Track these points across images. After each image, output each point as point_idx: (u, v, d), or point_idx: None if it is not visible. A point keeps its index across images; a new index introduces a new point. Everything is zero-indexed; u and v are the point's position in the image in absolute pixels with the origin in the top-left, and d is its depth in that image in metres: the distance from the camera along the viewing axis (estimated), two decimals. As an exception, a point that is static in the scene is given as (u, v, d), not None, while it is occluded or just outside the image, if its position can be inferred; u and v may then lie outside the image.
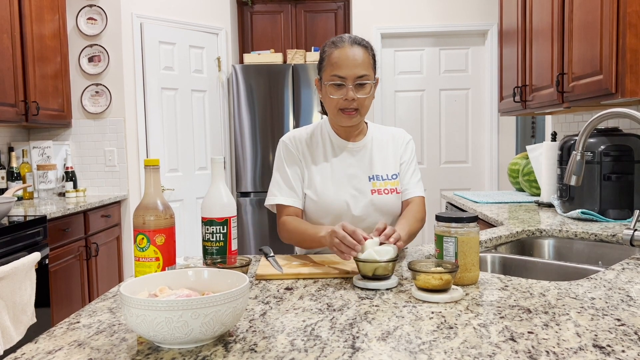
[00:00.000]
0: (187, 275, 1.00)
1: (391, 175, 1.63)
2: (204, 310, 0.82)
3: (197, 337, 0.83)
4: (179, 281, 0.99)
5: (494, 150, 4.51)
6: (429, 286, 1.10)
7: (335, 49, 1.53)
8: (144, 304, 0.81)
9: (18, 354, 0.85)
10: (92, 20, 3.85)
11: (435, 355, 0.81)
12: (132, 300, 0.82)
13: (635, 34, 1.94)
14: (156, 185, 1.16)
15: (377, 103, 4.46)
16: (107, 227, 3.64)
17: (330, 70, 1.53)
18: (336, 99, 1.53)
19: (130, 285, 0.92)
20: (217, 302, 0.83)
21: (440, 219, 1.24)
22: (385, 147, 1.66)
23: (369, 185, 1.60)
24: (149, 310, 0.81)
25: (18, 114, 3.19)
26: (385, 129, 1.72)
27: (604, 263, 1.78)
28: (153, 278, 0.97)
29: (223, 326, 0.85)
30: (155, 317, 0.81)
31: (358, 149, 1.63)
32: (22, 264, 2.41)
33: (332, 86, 1.53)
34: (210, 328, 0.83)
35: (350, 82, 1.51)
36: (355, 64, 1.51)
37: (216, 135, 4.46)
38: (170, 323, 0.81)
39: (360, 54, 1.52)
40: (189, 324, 0.81)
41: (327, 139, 1.64)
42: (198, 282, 0.99)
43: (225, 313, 0.84)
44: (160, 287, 0.95)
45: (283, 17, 4.74)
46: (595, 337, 0.87)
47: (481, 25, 4.42)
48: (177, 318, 0.81)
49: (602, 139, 2.10)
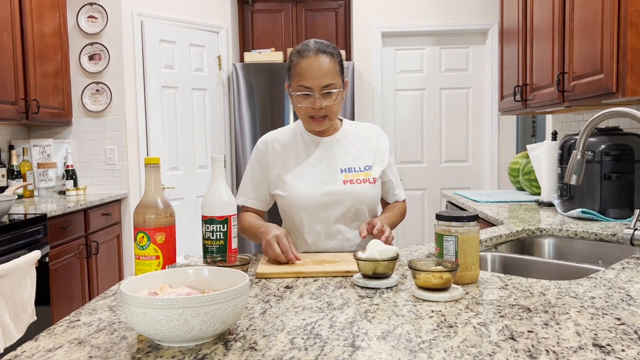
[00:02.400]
0: (187, 273, 1.00)
1: (363, 167, 1.66)
2: (204, 309, 0.82)
3: (198, 335, 0.84)
4: (179, 279, 0.99)
5: (494, 150, 4.50)
6: (429, 285, 1.10)
7: (301, 59, 1.56)
8: (144, 302, 0.81)
9: (18, 351, 0.86)
10: (93, 19, 3.84)
11: (435, 354, 0.81)
12: (132, 298, 0.82)
13: (636, 32, 1.94)
14: (156, 184, 1.16)
15: (377, 102, 4.46)
16: (108, 226, 3.64)
17: (297, 80, 1.57)
18: (304, 107, 1.58)
19: (130, 284, 0.92)
20: (218, 300, 0.83)
21: (441, 218, 1.24)
22: (358, 140, 1.70)
23: (341, 177, 1.63)
24: (149, 308, 0.81)
25: (18, 112, 3.19)
26: (360, 124, 1.76)
27: (604, 262, 1.78)
28: (153, 276, 0.98)
29: (223, 324, 0.85)
30: (156, 315, 0.81)
31: (330, 143, 1.68)
32: (22, 262, 2.41)
33: (299, 96, 1.58)
34: (210, 326, 0.83)
35: (317, 91, 1.55)
36: (321, 73, 1.54)
37: (216, 133, 4.46)
38: (171, 321, 0.81)
39: (325, 62, 1.55)
40: (189, 322, 0.82)
41: (300, 136, 1.70)
42: (198, 280, 0.99)
43: (225, 311, 0.84)
44: (161, 285, 0.95)
45: (284, 16, 4.73)
46: (595, 336, 0.87)
47: (482, 24, 4.42)
48: (177, 316, 0.81)
49: (602, 138, 2.10)
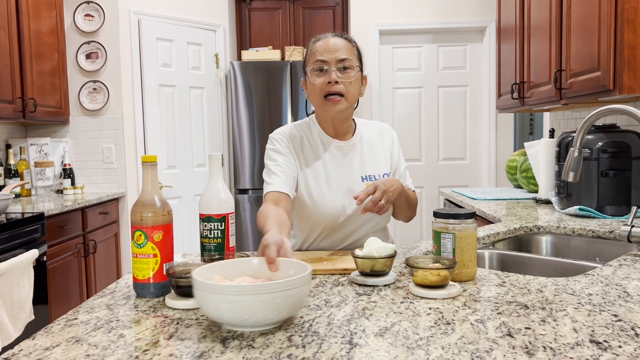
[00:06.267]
0: (251, 263, 1.06)
1: (383, 174, 1.62)
2: (287, 293, 0.88)
3: (272, 319, 0.90)
4: (240, 269, 1.05)
5: (492, 147, 4.51)
6: (427, 282, 1.10)
7: (318, 42, 1.55)
8: (243, 290, 0.86)
9: (16, 350, 0.85)
10: (90, 17, 3.84)
11: (433, 350, 0.81)
12: (229, 288, 0.87)
13: (633, 30, 1.94)
14: (154, 182, 1.16)
15: (375, 100, 4.46)
16: (105, 224, 3.63)
17: (312, 58, 1.54)
18: (319, 84, 1.51)
19: (202, 272, 0.97)
20: (298, 284, 0.90)
21: (438, 215, 1.24)
22: (374, 145, 1.65)
23: (362, 186, 1.57)
24: (250, 294, 0.86)
25: (15, 110, 3.18)
26: (371, 125, 1.70)
27: (602, 259, 1.78)
28: (219, 266, 1.03)
29: (298, 307, 0.93)
30: (252, 300, 0.86)
31: (349, 148, 1.61)
32: (20, 261, 2.41)
33: (314, 72, 1.53)
34: (291, 309, 0.91)
35: (332, 65, 1.50)
36: (337, 48, 1.52)
37: (214, 132, 4.46)
38: (265, 305, 0.87)
39: (342, 42, 1.54)
40: (282, 306, 0.88)
41: (317, 137, 1.62)
42: (261, 270, 1.04)
43: (303, 293, 0.92)
44: (242, 276, 1.02)
45: (281, 14, 4.73)
46: (592, 333, 0.87)
47: (479, 22, 4.42)
48: (270, 300, 0.87)
49: (599, 136, 2.10)
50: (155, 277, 1.12)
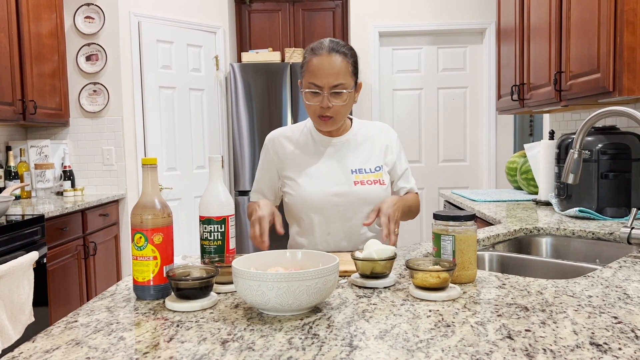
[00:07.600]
0: (285, 255, 1.16)
1: (374, 168, 1.67)
2: (325, 279, 0.98)
3: (303, 305, 0.99)
4: (275, 260, 1.15)
5: (492, 149, 4.51)
6: (427, 284, 1.10)
7: (314, 57, 1.56)
8: (285, 277, 0.95)
9: (16, 353, 0.85)
10: (90, 19, 3.84)
11: (433, 353, 0.81)
12: (279, 275, 0.95)
13: (632, 31, 1.94)
14: (154, 184, 1.16)
15: (375, 101, 4.47)
16: (105, 226, 3.63)
17: (308, 77, 1.57)
18: (313, 105, 1.58)
19: (240, 264, 1.06)
20: (331, 271, 0.99)
21: (438, 217, 1.24)
22: (370, 141, 1.70)
23: (352, 177, 1.64)
24: (294, 281, 0.96)
25: (15, 112, 3.18)
26: (370, 124, 1.76)
27: (602, 261, 1.78)
28: (256, 257, 1.13)
29: (322, 295, 1.00)
30: (298, 286, 0.96)
31: (341, 143, 1.68)
32: (20, 263, 2.41)
33: (309, 93, 1.58)
34: (326, 293, 1.00)
35: (326, 90, 1.54)
36: (332, 72, 1.53)
37: (214, 134, 4.46)
38: (309, 290, 0.96)
39: (337, 62, 1.54)
40: (320, 290, 0.98)
41: (310, 136, 1.70)
42: (293, 262, 1.15)
43: (335, 279, 1.02)
44: (275, 267, 1.11)
45: (281, 16, 4.73)
46: (592, 335, 0.87)
47: (479, 23, 4.43)
48: (313, 285, 0.97)
49: (599, 137, 2.10)
50: (155, 280, 1.12)
